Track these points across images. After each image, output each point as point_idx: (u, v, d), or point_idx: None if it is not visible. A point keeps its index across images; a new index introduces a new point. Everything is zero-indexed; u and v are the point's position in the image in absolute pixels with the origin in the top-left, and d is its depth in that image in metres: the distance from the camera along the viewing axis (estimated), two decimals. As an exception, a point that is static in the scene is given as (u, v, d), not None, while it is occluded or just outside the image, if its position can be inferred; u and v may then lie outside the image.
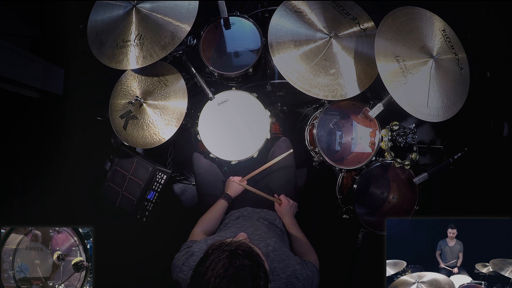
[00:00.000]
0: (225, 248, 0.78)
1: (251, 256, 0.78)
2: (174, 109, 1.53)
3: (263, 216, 1.34)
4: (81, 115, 2.14)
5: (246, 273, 0.74)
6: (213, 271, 0.73)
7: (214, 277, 0.72)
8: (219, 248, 0.78)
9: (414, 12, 1.46)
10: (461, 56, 1.49)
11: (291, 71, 1.46)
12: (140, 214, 1.72)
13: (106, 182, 1.80)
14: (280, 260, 0.99)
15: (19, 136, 1.87)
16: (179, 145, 2.00)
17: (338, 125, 1.75)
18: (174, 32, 1.40)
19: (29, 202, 1.87)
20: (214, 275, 0.73)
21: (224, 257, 0.75)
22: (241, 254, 0.76)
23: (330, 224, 1.89)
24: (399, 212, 1.70)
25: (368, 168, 1.60)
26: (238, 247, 0.78)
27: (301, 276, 0.96)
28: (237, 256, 0.76)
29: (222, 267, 0.73)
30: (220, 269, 0.73)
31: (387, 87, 1.33)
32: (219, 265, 0.74)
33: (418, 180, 1.51)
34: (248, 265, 0.75)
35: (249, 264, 0.75)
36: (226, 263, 0.74)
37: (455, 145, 1.83)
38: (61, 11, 2.04)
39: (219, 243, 0.80)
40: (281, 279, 0.95)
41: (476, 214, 1.24)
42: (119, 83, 1.65)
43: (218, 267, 0.73)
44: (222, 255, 0.76)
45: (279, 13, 1.53)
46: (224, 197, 1.42)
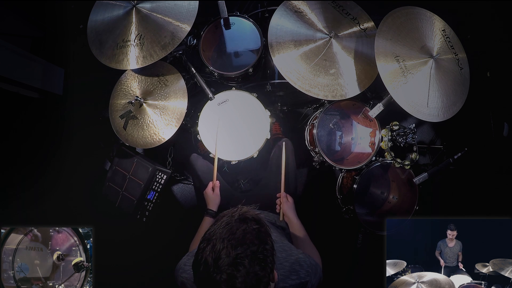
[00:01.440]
0: (234, 214, 0.77)
1: (259, 221, 0.78)
2: (174, 109, 1.53)
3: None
4: (81, 115, 2.14)
5: (253, 235, 0.73)
6: (220, 234, 0.73)
7: (221, 239, 0.72)
8: (227, 215, 0.78)
9: (414, 12, 1.46)
10: (461, 56, 1.49)
11: (291, 71, 1.46)
12: (140, 214, 1.72)
13: (106, 182, 1.80)
14: (282, 251, 0.99)
15: (19, 136, 1.86)
16: (179, 145, 2.00)
17: (338, 125, 1.75)
18: (174, 32, 1.40)
19: (29, 202, 1.87)
20: (221, 237, 0.72)
21: (232, 222, 0.75)
22: (249, 218, 0.76)
23: (330, 224, 1.89)
24: (399, 212, 1.70)
25: (368, 168, 1.60)
26: (247, 212, 0.78)
27: (305, 263, 0.96)
28: (245, 220, 0.75)
29: (229, 230, 0.73)
30: (227, 232, 0.73)
31: (387, 87, 1.33)
32: (227, 228, 0.73)
33: (418, 180, 1.51)
34: (255, 228, 0.75)
35: (256, 227, 0.75)
36: (234, 227, 0.73)
37: (455, 145, 1.83)
38: (61, 11, 2.04)
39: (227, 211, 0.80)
40: (285, 267, 0.94)
41: (476, 214, 1.25)
42: (119, 83, 1.65)
43: (225, 231, 0.73)
44: (231, 219, 0.75)
45: (279, 13, 1.53)
46: (207, 214, 1.37)
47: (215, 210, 1.39)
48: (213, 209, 1.38)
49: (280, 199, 1.39)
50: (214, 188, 1.42)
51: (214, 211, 1.38)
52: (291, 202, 1.36)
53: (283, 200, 1.36)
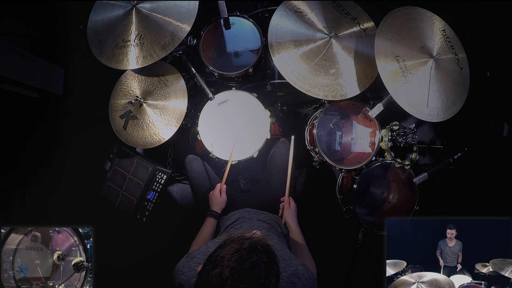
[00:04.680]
0: (245, 242, 0.76)
1: (269, 253, 0.77)
2: (174, 109, 1.53)
3: (262, 219, 1.32)
4: (81, 115, 2.15)
5: (261, 268, 0.73)
6: (229, 261, 0.72)
7: (229, 268, 0.71)
8: (237, 241, 0.77)
9: (414, 12, 1.46)
10: (461, 56, 1.49)
11: (291, 71, 1.46)
12: (140, 214, 1.72)
13: (106, 182, 1.80)
14: (282, 260, 0.98)
15: (19, 136, 1.86)
16: (179, 145, 2.00)
17: (338, 125, 1.75)
18: (174, 32, 1.40)
19: (29, 202, 1.87)
20: (230, 266, 0.71)
21: (242, 249, 0.74)
22: (260, 250, 0.75)
23: (330, 224, 1.89)
24: (399, 212, 1.70)
25: (368, 168, 1.60)
26: (257, 243, 0.77)
27: (303, 276, 0.96)
28: (255, 251, 0.74)
29: (238, 259, 0.72)
30: (236, 261, 0.72)
31: (387, 87, 1.33)
32: (236, 256, 0.73)
33: (418, 180, 1.50)
34: (264, 262, 0.74)
35: (266, 261, 0.74)
36: (244, 256, 0.72)
37: (455, 145, 1.83)
38: (61, 11, 2.04)
39: (237, 236, 0.79)
40: (283, 277, 0.94)
41: (476, 214, 1.25)
42: (119, 83, 1.65)
43: (234, 259, 0.72)
44: (241, 247, 0.74)
45: (279, 13, 1.53)
46: (211, 215, 1.36)
47: (219, 212, 1.38)
48: (217, 211, 1.38)
49: (284, 204, 1.39)
50: (221, 193, 1.41)
51: (218, 213, 1.38)
52: (293, 209, 1.35)
53: (285, 206, 1.36)
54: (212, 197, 1.41)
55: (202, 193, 1.51)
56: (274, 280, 0.75)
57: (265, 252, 0.76)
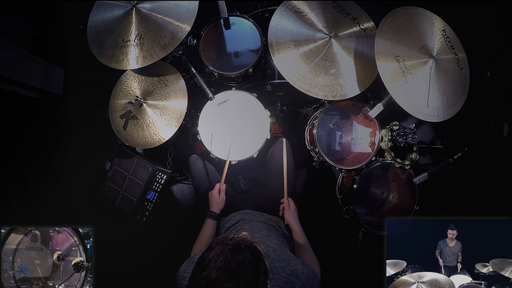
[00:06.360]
0: (228, 242, 0.78)
1: (253, 251, 0.78)
2: (174, 109, 1.53)
3: (263, 220, 1.32)
4: (81, 115, 2.15)
5: (246, 267, 0.74)
6: (215, 263, 0.74)
7: (215, 270, 0.73)
8: (222, 242, 0.79)
9: (414, 12, 1.46)
10: (461, 56, 1.49)
11: (291, 71, 1.46)
12: (140, 214, 1.72)
13: (106, 182, 1.80)
14: (280, 260, 0.99)
15: (19, 136, 1.86)
16: (179, 145, 2.00)
17: (338, 125, 1.75)
18: (174, 32, 1.40)
19: (29, 202, 1.87)
20: (216, 267, 0.73)
21: (226, 251, 0.76)
22: (243, 249, 0.77)
23: (330, 224, 1.89)
24: (399, 212, 1.70)
25: (368, 168, 1.60)
26: (241, 242, 0.79)
27: (302, 276, 0.96)
28: (239, 250, 0.76)
29: (224, 260, 0.74)
30: (221, 262, 0.74)
31: (387, 87, 1.33)
32: (221, 258, 0.75)
33: (418, 180, 1.50)
34: (249, 259, 0.76)
35: (250, 258, 0.76)
36: (228, 256, 0.75)
37: (455, 145, 1.83)
38: (61, 11, 2.04)
39: (222, 238, 0.81)
40: (281, 277, 0.94)
41: (476, 214, 1.24)
42: (119, 83, 1.65)
43: (220, 260, 0.74)
44: (225, 248, 0.77)
45: (279, 13, 1.53)
46: (210, 216, 1.36)
47: (218, 212, 1.38)
48: (216, 211, 1.37)
49: (283, 205, 1.38)
50: (220, 192, 1.40)
51: (217, 213, 1.37)
52: (293, 210, 1.35)
53: (285, 208, 1.35)
54: (211, 197, 1.40)
55: (205, 192, 1.50)
56: (262, 278, 0.76)
57: (248, 250, 0.77)
